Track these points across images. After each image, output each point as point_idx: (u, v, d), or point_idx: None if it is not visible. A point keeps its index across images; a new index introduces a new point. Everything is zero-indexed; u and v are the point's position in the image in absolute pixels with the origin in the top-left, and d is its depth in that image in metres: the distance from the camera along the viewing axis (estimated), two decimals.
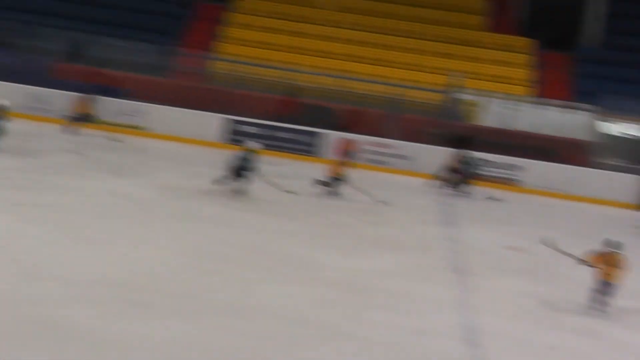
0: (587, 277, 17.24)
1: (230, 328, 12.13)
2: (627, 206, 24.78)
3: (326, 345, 12.20)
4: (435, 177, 23.14)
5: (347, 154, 22.64)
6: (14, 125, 20.89)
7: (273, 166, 24.06)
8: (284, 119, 26.38)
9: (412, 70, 29.21)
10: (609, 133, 26.20)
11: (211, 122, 26.12)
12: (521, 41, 30.89)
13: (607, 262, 14.48)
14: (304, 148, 25.60)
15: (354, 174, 21.43)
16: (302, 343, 12.13)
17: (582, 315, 15.01)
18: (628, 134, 26.27)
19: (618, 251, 14.38)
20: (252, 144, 20.07)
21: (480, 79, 29.02)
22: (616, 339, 14.13)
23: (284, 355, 11.65)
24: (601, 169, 25.42)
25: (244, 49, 29.53)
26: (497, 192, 23.70)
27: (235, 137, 25.71)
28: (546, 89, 29.48)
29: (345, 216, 19.34)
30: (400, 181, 24.56)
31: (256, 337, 12.02)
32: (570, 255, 15.57)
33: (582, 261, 14.99)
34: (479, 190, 23.96)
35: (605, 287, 14.52)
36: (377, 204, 20.79)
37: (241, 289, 13.90)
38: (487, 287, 16.03)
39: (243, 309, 13.01)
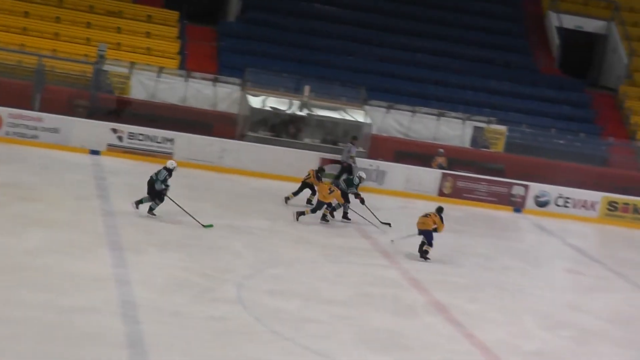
0: (240, 249, 17.81)
1: None
2: (272, 177, 25.65)
3: None
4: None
5: None
6: None
7: None
8: None
9: (57, 40, 28.20)
10: (256, 106, 26.95)
11: None
12: (166, 13, 30.88)
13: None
14: None
15: None
16: None
17: (235, 286, 15.46)
18: (273, 107, 27.17)
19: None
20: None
21: (127, 51, 28.69)
22: (267, 305, 14.71)
23: None
24: (250, 141, 26.15)
25: None
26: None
27: None
28: (193, 62, 29.73)
29: None
30: (51, 155, 23.69)
31: None
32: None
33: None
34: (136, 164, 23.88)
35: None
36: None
37: None
38: (144, 261, 16.04)
39: None
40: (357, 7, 33.29)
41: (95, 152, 24.45)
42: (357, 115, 27.54)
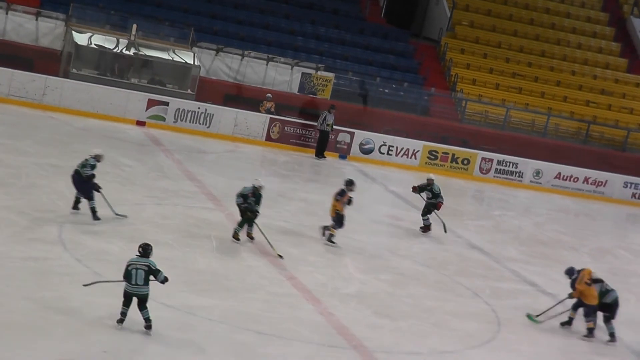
0: (62, 188, 17.39)
1: None
2: (98, 117, 25.08)
3: None
4: None
5: None
6: None
7: None
8: None
9: None
10: (81, 43, 26.15)
11: None
12: None
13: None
14: None
15: None
16: None
17: (57, 226, 15.16)
18: (99, 45, 26.46)
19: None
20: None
21: None
22: (89, 246, 14.51)
23: None
24: (75, 79, 25.41)
25: None
26: None
27: None
28: None
29: None
30: None
31: None
32: None
33: None
34: None
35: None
36: None
37: None
38: None
39: None
40: None
41: None
42: (185, 57, 27.24)
